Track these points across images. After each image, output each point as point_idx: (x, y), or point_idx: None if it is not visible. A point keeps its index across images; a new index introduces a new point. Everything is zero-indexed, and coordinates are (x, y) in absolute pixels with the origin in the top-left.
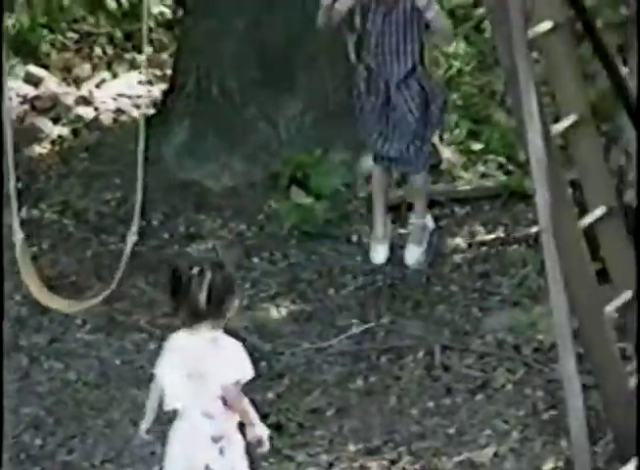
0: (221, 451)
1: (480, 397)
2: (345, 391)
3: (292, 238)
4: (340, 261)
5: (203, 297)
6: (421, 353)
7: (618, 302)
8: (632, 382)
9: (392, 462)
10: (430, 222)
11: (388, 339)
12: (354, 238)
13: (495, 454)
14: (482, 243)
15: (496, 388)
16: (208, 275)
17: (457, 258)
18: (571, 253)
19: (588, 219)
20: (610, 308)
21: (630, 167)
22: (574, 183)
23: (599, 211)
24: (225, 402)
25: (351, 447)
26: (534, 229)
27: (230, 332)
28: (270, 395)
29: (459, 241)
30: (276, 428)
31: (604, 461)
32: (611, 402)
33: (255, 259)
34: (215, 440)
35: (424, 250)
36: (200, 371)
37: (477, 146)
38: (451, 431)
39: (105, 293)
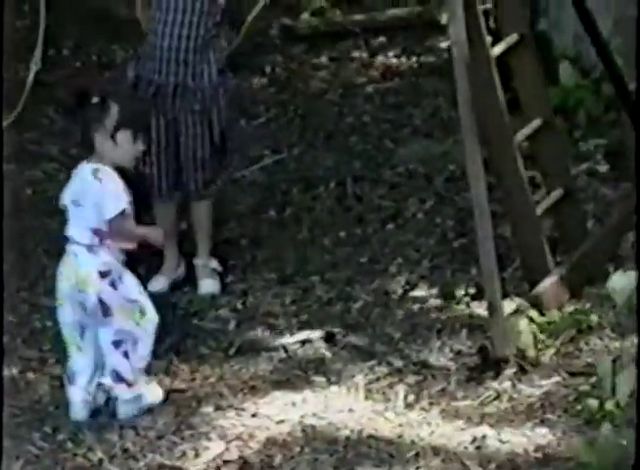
0: (113, 284)
1: (391, 226)
2: (258, 221)
3: None
4: (252, 92)
5: (92, 125)
6: (333, 184)
7: (528, 130)
8: (540, 209)
9: (305, 290)
10: (215, 265)
11: (301, 170)
12: (267, 69)
13: (407, 282)
14: (396, 73)
15: (407, 217)
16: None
17: (370, 88)
18: (483, 82)
19: (501, 48)
20: (520, 137)
21: None
22: (488, 12)
23: (511, 40)
24: (101, 239)
25: (265, 276)
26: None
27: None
28: (183, 225)
29: (372, 72)
30: (190, 255)
31: (513, 286)
32: (519, 229)
33: None
34: (103, 274)
35: (217, 280)
36: (80, 201)
37: None
38: (363, 260)
39: (7, 120)
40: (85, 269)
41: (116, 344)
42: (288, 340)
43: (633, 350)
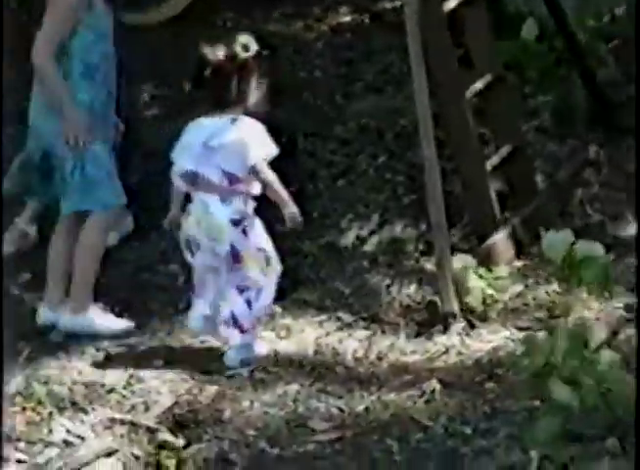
0: (244, 232)
1: (342, 182)
2: None
3: None
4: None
5: (233, 84)
6: (284, 139)
7: (479, 85)
8: (490, 165)
9: None
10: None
11: None
12: (219, 23)
13: (357, 237)
14: (347, 29)
15: (358, 173)
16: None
17: (320, 44)
18: (434, 38)
19: (452, 3)
20: (470, 92)
21: None
22: None
23: None
24: (231, 183)
25: None
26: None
27: None
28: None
29: (324, 27)
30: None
31: (462, 242)
32: (469, 185)
33: None
34: (235, 222)
35: None
36: (221, 142)
37: None
38: (314, 215)
39: None
40: (219, 218)
41: (241, 290)
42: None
43: (578, 305)
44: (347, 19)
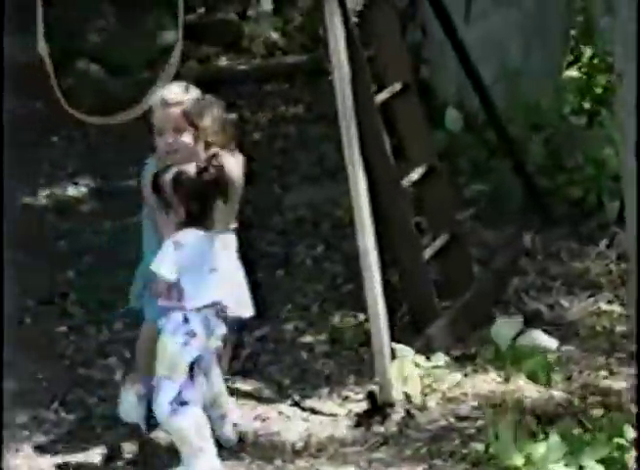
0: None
1: (280, 272)
2: None
3: None
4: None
5: (214, 199)
6: None
7: (414, 176)
8: (427, 254)
9: None
10: None
11: None
12: None
13: (296, 328)
14: (283, 119)
15: (296, 263)
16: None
17: (257, 135)
18: (368, 129)
19: (385, 95)
20: (406, 183)
21: (426, 44)
22: (372, 59)
23: (395, 88)
24: None
25: None
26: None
27: None
28: (71, 273)
29: (259, 118)
30: (80, 306)
31: (400, 331)
32: (407, 274)
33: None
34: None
35: None
36: (218, 265)
37: (278, 23)
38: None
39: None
40: (219, 332)
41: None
42: None
43: (516, 394)
44: (282, 108)
